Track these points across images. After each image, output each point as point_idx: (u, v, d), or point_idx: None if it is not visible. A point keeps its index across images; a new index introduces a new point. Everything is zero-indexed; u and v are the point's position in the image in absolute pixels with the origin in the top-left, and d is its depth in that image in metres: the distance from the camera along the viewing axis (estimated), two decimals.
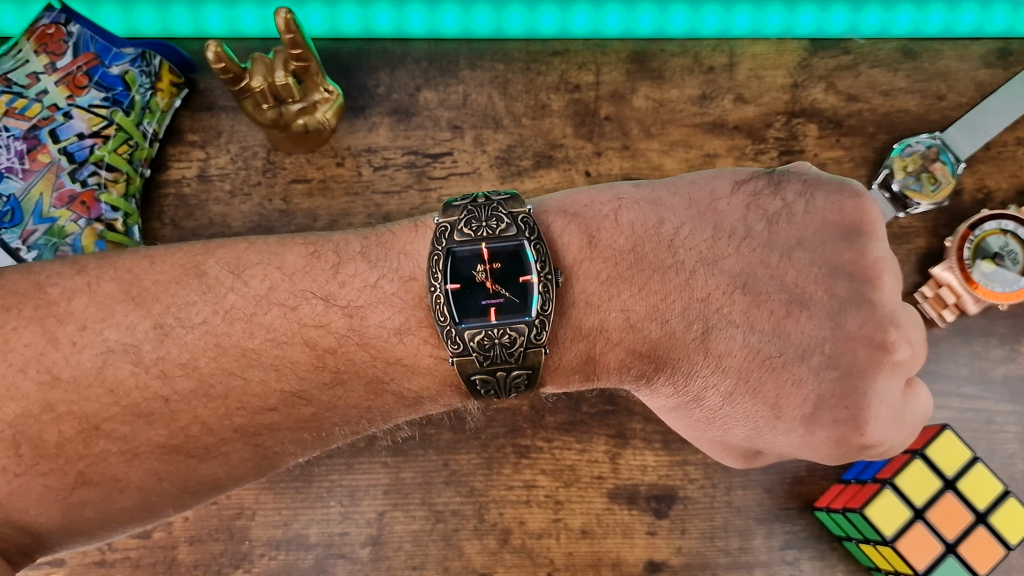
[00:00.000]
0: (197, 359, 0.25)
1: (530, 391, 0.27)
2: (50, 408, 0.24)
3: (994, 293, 0.52)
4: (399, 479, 0.51)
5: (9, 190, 0.46)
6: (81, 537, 0.26)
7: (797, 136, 0.56)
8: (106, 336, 0.25)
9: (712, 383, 0.26)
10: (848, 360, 0.25)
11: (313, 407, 0.26)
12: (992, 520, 0.46)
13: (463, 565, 0.51)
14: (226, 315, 0.25)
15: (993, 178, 0.56)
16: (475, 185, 0.55)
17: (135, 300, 0.25)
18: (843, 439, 0.26)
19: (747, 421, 0.26)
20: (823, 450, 0.26)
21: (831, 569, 0.51)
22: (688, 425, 0.28)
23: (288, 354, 0.25)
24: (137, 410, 0.25)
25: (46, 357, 0.24)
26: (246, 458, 0.26)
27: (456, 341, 0.24)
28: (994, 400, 0.53)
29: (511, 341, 0.25)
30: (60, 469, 0.24)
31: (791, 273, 0.26)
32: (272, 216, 0.54)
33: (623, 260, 0.25)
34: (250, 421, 0.25)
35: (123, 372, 0.24)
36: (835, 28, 0.59)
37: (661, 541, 0.51)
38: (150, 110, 0.51)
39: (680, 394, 0.26)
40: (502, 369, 0.25)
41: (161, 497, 0.26)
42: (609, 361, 0.26)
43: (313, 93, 0.50)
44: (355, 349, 0.25)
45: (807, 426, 0.26)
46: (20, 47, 0.49)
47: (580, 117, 0.56)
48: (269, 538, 0.50)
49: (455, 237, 0.25)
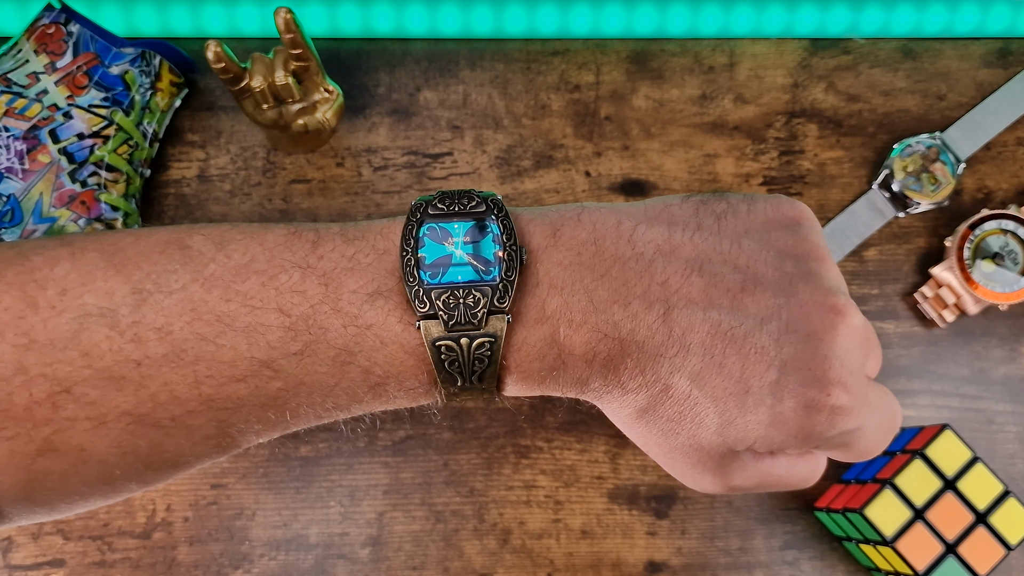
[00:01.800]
0: (172, 323, 0.25)
1: (493, 374, 0.27)
2: (23, 370, 0.24)
3: (994, 293, 0.52)
4: (399, 479, 0.51)
5: (9, 190, 0.46)
6: (40, 508, 0.27)
7: (797, 136, 0.56)
8: (85, 300, 0.25)
9: (678, 364, 0.26)
10: (805, 324, 0.27)
11: (280, 381, 0.26)
12: (992, 520, 0.46)
13: (463, 565, 0.51)
14: (205, 282, 0.26)
15: (993, 178, 0.56)
16: (475, 185, 0.55)
17: (116, 267, 0.26)
18: (811, 403, 0.26)
19: (716, 405, 0.27)
20: (793, 421, 0.27)
21: (831, 569, 0.51)
22: (660, 432, 0.28)
23: (261, 319, 0.25)
24: (108, 374, 0.25)
25: (24, 320, 0.25)
26: (210, 435, 0.27)
27: (423, 300, 0.26)
28: (994, 400, 0.53)
29: (475, 302, 0.26)
30: (27, 434, 0.25)
31: (742, 257, 0.28)
32: (272, 216, 0.54)
33: (585, 250, 0.27)
34: (218, 392, 0.26)
35: (98, 335, 0.25)
36: (835, 28, 0.59)
37: (661, 541, 0.51)
38: (150, 110, 0.51)
39: (649, 385, 0.27)
40: (466, 334, 0.26)
41: (124, 471, 0.26)
42: (574, 344, 0.26)
43: (313, 93, 0.50)
44: (328, 314, 0.26)
45: (775, 395, 0.26)
46: (20, 47, 0.49)
47: (580, 117, 0.56)
48: (269, 538, 0.50)
49: (429, 211, 0.27)
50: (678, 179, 0.55)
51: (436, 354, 0.26)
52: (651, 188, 0.55)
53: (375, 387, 0.27)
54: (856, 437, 0.28)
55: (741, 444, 0.27)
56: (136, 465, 0.26)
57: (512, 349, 0.27)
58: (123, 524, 0.50)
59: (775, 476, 0.29)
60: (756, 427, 0.27)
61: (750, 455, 0.28)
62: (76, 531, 0.50)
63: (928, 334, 0.54)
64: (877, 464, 0.49)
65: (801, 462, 0.30)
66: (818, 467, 0.30)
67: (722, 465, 0.28)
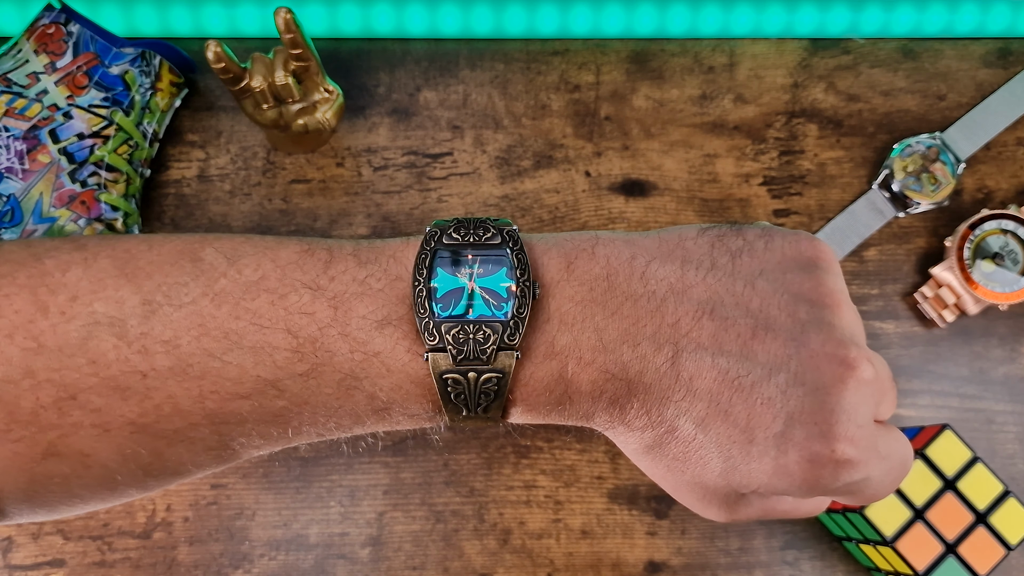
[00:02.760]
0: (180, 337, 0.25)
1: (499, 406, 0.27)
2: (31, 374, 0.25)
3: (994, 293, 0.52)
4: (399, 479, 0.51)
5: (9, 190, 0.46)
6: (41, 509, 0.27)
7: (797, 136, 0.56)
8: (95, 308, 0.25)
9: (684, 408, 0.26)
10: (813, 376, 0.26)
11: (284, 400, 0.26)
12: (992, 520, 0.46)
13: (463, 565, 0.51)
14: (215, 297, 0.26)
15: (993, 178, 0.56)
16: (475, 185, 0.55)
17: (128, 276, 0.26)
18: (815, 457, 0.26)
19: (721, 451, 0.27)
20: (798, 474, 0.26)
21: (831, 569, 0.51)
22: (666, 468, 0.28)
23: (269, 339, 0.25)
24: (114, 383, 0.25)
25: (34, 324, 0.25)
26: (211, 447, 0.27)
27: (433, 333, 0.26)
28: (994, 400, 0.53)
29: (484, 338, 0.26)
30: (32, 437, 0.25)
31: (755, 300, 0.27)
32: (272, 216, 0.54)
33: (597, 286, 0.27)
34: (221, 407, 0.26)
35: (106, 344, 0.25)
36: (835, 28, 0.59)
37: (661, 541, 0.51)
38: (150, 110, 0.51)
39: (654, 425, 0.27)
40: (474, 368, 0.26)
41: (126, 477, 0.27)
42: (582, 381, 0.26)
43: (313, 93, 0.50)
44: (336, 339, 0.26)
45: (779, 447, 0.26)
46: (20, 47, 0.49)
47: (580, 117, 0.56)
48: (269, 538, 0.50)
49: (443, 240, 0.27)
50: (678, 179, 0.55)
51: (443, 386, 0.26)
52: (651, 188, 0.55)
53: (379, 411, 0.27)
54: (862, 487, 0.28)
55: (746, 488, 0.27)
56: (137, 472, 0.27)
57: (519, 384, 0.27)
58: (123, 524, 0.50)
59: (780, 512, 0.29)
60: (760, 476, 0.27)
61: (756, 495, 0.28)
62: (76, 531, 0.50)
63: (928, 334, 0.54)
64: None
65: (805, 503, 0.30)
66: (821, 505, 0.31)
67: (727, 502, 0.28)
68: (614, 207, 0.55)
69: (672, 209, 0.55)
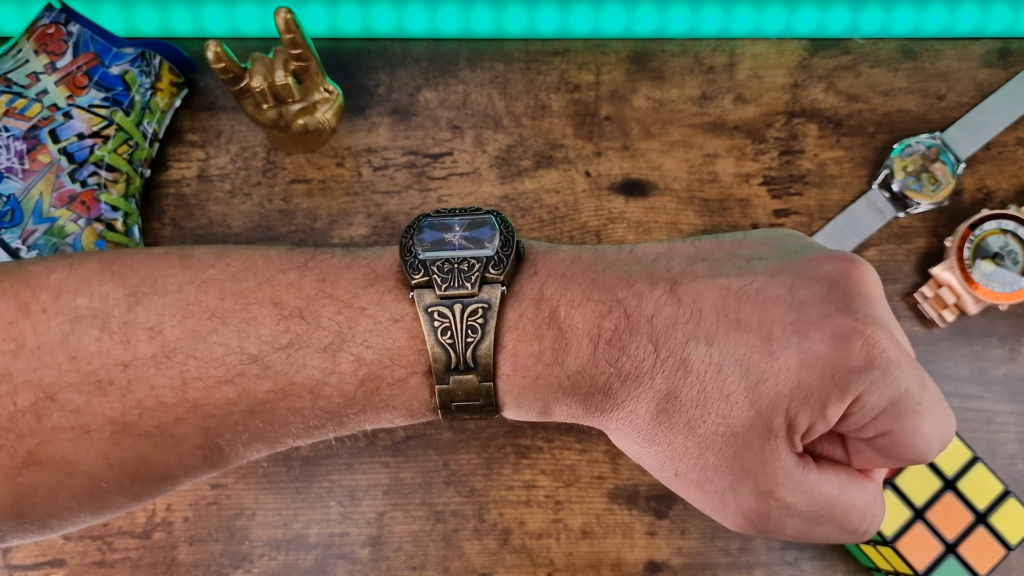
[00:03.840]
0: (164, 322, 0.25)
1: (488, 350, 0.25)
2: (8, 377, 0.24)
3: (994, 293, 0.52)
4: (399, 479, 0.51)
5: (9, 190, 0.46)
6: (31, 526, 0.26)
7: (797, 136, 0.56)
8: (77, 303, 0.25)
9: (692, 330, 0.25)
10: (816, 272, 0.26)
11: (269, 380, 0.25)
12: (992, 520, 0.46)
13: (463, 565, 0.51)
14: (201, 284, 0.26)
15: (993, 178, 0.56)
16: (475, 185, 0.55)
17: (114, 273, 0.26)
18: (841, 330, 0.24)
19: (741, 365, 0.25)
20: (826, 355, 0.24)
21: (831, 569, 0.51)
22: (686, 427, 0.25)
23: (255, 313, 0.25)
24: (95, 377, 0.25)
25: (14, 326, 0.25)
26: (198, 445, 0.26)
27: (418, 268, 0.26)
28: (994, 400, 0.53)
29: (469, 267, 0.26)
30: (11, 446, 0.24)
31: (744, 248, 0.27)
32: (272, 216, 0.54)
33: (585, 255, 0.27)
34: (205, 396, 0.25)
35: (88, 338, 0.25)
36: (835, 28, 0.59)
37: (661, 541, 0.51)
38: (150, 110, 0.51)
39: (663, 363, 0.25)
40: (459, 300, 0.25)
41: (111, 484, 0.26)
42: (576, 321, 0.25)
43: (313, 93, 0.50)
44: (323, 303, 0.26)
45: (799, 332, 0.24)
46: (20, 47, 0.49)
47: (580, 117, 0.56)
48: (269, 538, 0.50)
49: (430, 216, 0.28)
50: (678, 179, 0.55)
51: (429, 321, 0.25)
52: (651, 188, 0.55)
53: (365, 382, 0.26)
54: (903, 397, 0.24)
55: (777, 411, 0.25)
56: (123, 478, 0.26)
57: (508, 327, 0.26)
58: (123, 524, 0.50)
59: (825, 494, 0.26)
60: (787, 377, 0.24)
61: (793, 460, 0.25)
62: (76, 531, 0.50)
63: (928, 334, 0.54)
64: None
65: (855, 486, 0.26)
66: (875, 500, 0.27)
67: (762, 464, 0.25)
68: (614, 207, 0.55)
69: (672, 209, 0.55)
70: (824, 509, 0.26)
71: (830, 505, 0.26)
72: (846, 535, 0.26)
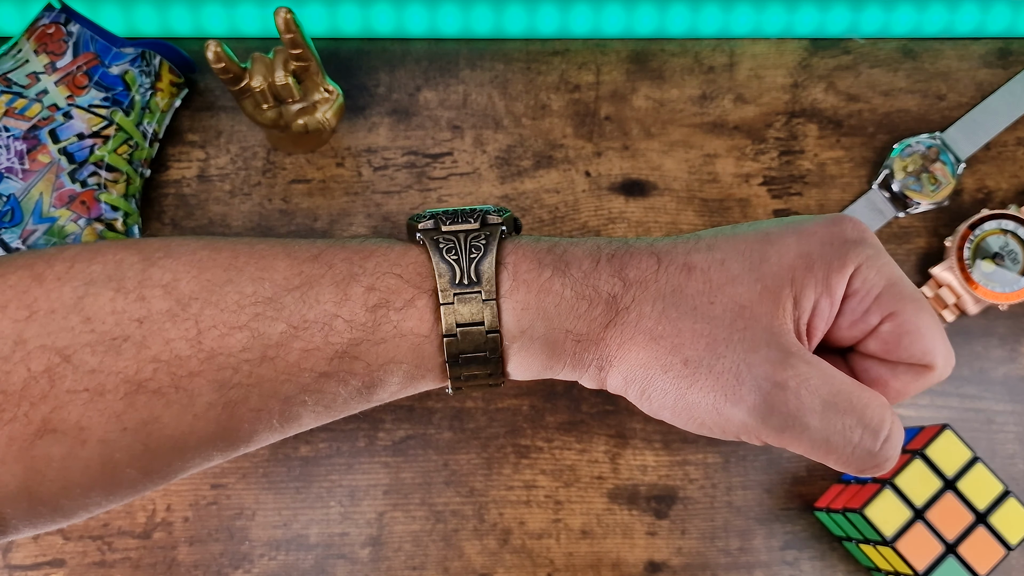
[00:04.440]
0: (179, 279, 0.26)
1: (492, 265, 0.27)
2: (22, 344, 0.24)
3: (994, 293, 0.52)
4: (399, 479, 0.51)
5: (9, 190, 0.46)
6: (42, 507, 0.26)
7: (797, 136, 0.56)
8: (92, 269, 0.25)
9: (692, 245, 0.28)
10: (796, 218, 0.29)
11: (283, 322, 0.26)
12: (992, 520, 0.46)
13: (463, 565, 0.51)
14: (215, 248, 0.27)
15: (993, 178, 0.56)
16: (475, 185, 0.55)
17: (127, 245, 0.27)
18: (833, 219, 0.28)
19: (742, 256, 0.27)
20: (821, 230, 0.27)
21: (831, 569, 0.51)
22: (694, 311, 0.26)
23: (269, 263, 0.27)
24: (109, 336, 0.25)
25: (28, 294, 0.25)
26: (210, 403, 0.26)
27: (425, 216, 0.29)
28: (994, 400, 0.53)
29: (471, 211, 0.28)
30: (24, 415, 0.24)
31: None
32: (272, 216, 0.54)
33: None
34: (219, 344, 0.25)
35: (102, 299, 0.25)
36: (835, 28, 0.59)
37: (661, 541, 0.51)
38: (150, 110, 0.51)
39: (666, 268, 0.27)
40: (464, 228, 0.28)
41: (123, 454, 0.25)
42: (575, 251, 0.28)
43: (313, 93, 0.50)
44: (335, 252, 0.27)
45: (794, 225, 0.28)
46: (20, 47, 0.49)
47: (580, 117, 0.56)
48: (269, 538, 0.50)
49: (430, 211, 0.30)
50: (678, 179, 0.55)
51: (435, 244, 0.27)
52: (651, 188, 0.55)
53: (375, 308, 0.26)
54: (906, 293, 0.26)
55: (783, 282, 0.26)
56: (135, 445, 0.25)
57: (509, 249, 0.28)
58: (123, 524, 0.50)
59: (840, 378, 0.25)
60: (789, 250, 0.27)
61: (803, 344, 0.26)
62: (76, 531, 0.50)
63: None
64: None
65: (867, 388, 0.26)
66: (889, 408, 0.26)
67: (774, 334, 0.25)
68: (614, 207, 0.55)
69: (672, 209, 0.55)
70: (842, 394, 0.25)
71: (847, 391, 0.25)
72: (869, 435, 0.25)
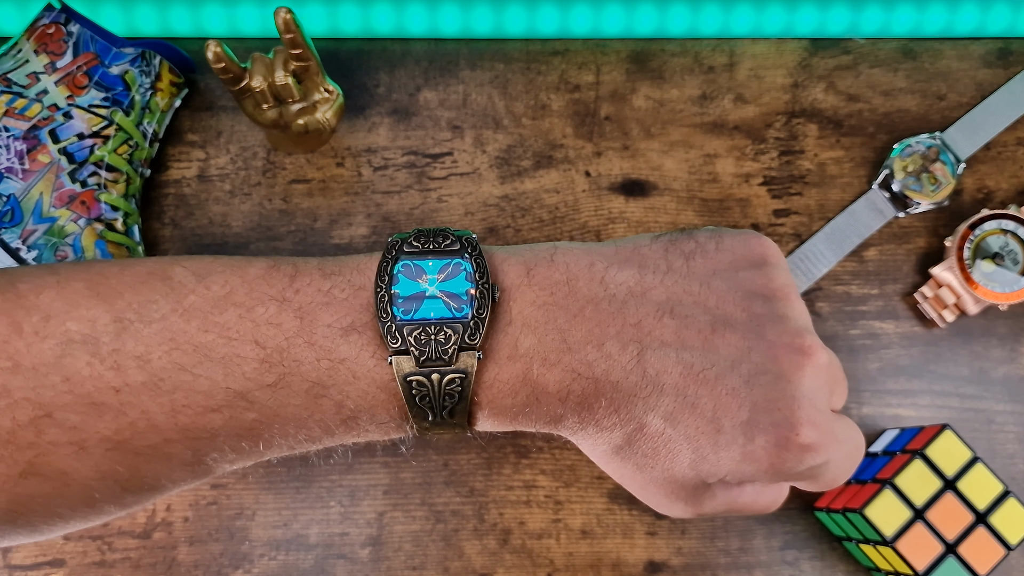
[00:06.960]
0: (151, 352, 0.26)
1: (464, 410, 0.27)
2: (7, 393, 0.25)
3: (994, 293, 0.52)
4: (399, 479, 0.51)
5: (9, 190, 0.46)
6: (23, 531, 0.27)
7: (797, 136, 0.56)
8: (68, 327, 0.26)
9: (652, 404, 0.27)
10: (774, 366, 0.28)
11: (255, 412, 0.26)
12: (992, 520, 0.46)
13: (463, 565, 0.51)
14: (184, 313, 0.26)
15: (993, 178, 0.56)
16: (475, 185, 0.55)
17: (100, 296, 0.26)
18: (781, 441, 0.27)
19: (690, 443, 0.28)
20: (764, 459, 0.27)
21: (831, 569, 0.51)
22: (635, 467, 0.29)
23: (238, 350, 0.26)
24: (89, 399, 0.25)
25: (9, 344, 0.25)
26: (186, 462, 0.27)
27: (396, 336, 0.26)
28: (994, 400, 0.53)
29: (446, 339, 0.26)
30: (10, 456, 0.25)
31: (712, 298, 0.29)
32: (272, 216, 0.54)
33: (558, 290, 0.28)
34: (194, 422, 0.26)
35: (80, 362, 0.25)
36: (835, 28, 0.59)
37: (661, 541, 0.51)
38: (150, 110, 0.51)
39: (624, 423, 0.28)
40: (437, 369, 0.26)
41: (104, 494, 0.27)
42: (548, 382, 0.27)
43: (313, 93, 0.50)
44: (302, 347, 0.26)
45: (746, 434, 0.27)
46: (20, 47, 0.49)
47: (580, 117, 0.56)
48: (269, 538, 0.50)
49: (404, 249, 0.28)
50: (678, 179, 0.55)
51: (407, 389, 0.26)
52: (651, 188, 0.55)
53: (347, 420, 0.27)
54: (823, 471, 0.29)
55: (713, 477, 0.28)
56: (115, 489, 0.27)
57: (483, 386, 0.27)
58: (123, 524, 0.50)
59: (742, 503, 0.30)
60: (728, 463, 0.28)
61: (720, 485, 0.29)
62: (76, 531, 0.50)
63: (928, 334, 0.54)
64: (877, 464, 0.49)
65: (767, 490, 0.31)
66: (782, 494, 0.32)
67: (694, 495, 0.29)
68: (614, 207, 0.55)
69: (672, 209, 0.55)
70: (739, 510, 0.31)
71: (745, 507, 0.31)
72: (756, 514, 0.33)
